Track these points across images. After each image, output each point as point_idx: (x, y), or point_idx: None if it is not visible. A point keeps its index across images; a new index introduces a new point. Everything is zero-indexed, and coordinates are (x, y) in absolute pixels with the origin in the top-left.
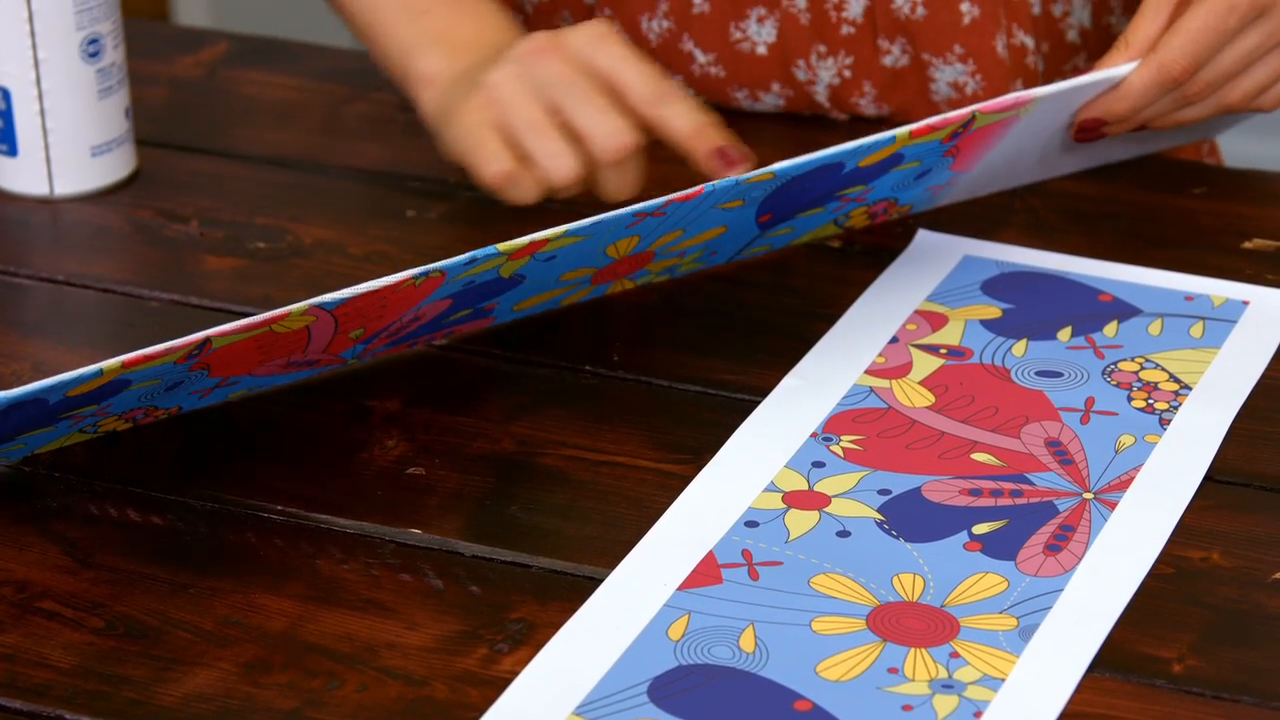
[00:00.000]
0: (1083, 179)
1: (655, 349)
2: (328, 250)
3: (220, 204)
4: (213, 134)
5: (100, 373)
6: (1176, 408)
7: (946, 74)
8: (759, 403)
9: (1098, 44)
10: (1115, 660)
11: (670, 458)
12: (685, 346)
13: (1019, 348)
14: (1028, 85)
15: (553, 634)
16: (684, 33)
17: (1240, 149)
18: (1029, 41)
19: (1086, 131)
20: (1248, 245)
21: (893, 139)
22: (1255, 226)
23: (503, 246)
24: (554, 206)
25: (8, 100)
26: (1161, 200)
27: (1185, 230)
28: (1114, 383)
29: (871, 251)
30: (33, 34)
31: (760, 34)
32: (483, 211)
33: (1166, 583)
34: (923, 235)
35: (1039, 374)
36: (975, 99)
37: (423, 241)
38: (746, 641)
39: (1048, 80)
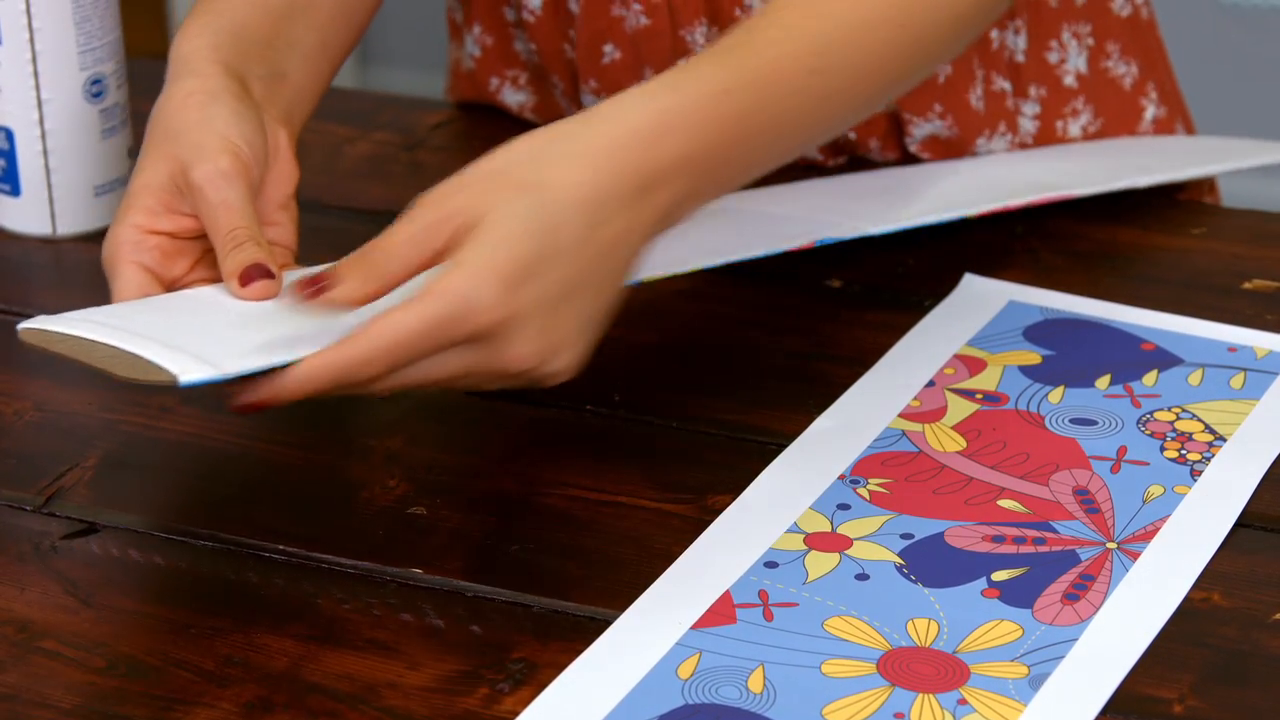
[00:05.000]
0: (1082, 219)
1: (657, 389)
2: None
3: None
4: None
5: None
6: (1209, 459)
7: (924, 129)
8: (760, 442)
9: (1094, 89)
10: (1117, 701)
11: (672, 498)
12: (687, 386)
13: (1055, 394)
14: (1010, 128)
15: (554, 674)
16: None
17: (1240, 189)
18: (1008, 86)
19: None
20: (1247, 286)
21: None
22: (1255, 267)
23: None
24: None
25: (11, 140)
26: (1161, 240)
27: (1184, 270)
28: (1148, 432)
29: (871, 291)
30: (36, 74)
31: None
32: None
33: (1168, 623)
34: (969, 279)
35: (1073, 421)
36: (949, 144)
37: None
38: (755, 682)
39: (1039, 125)
